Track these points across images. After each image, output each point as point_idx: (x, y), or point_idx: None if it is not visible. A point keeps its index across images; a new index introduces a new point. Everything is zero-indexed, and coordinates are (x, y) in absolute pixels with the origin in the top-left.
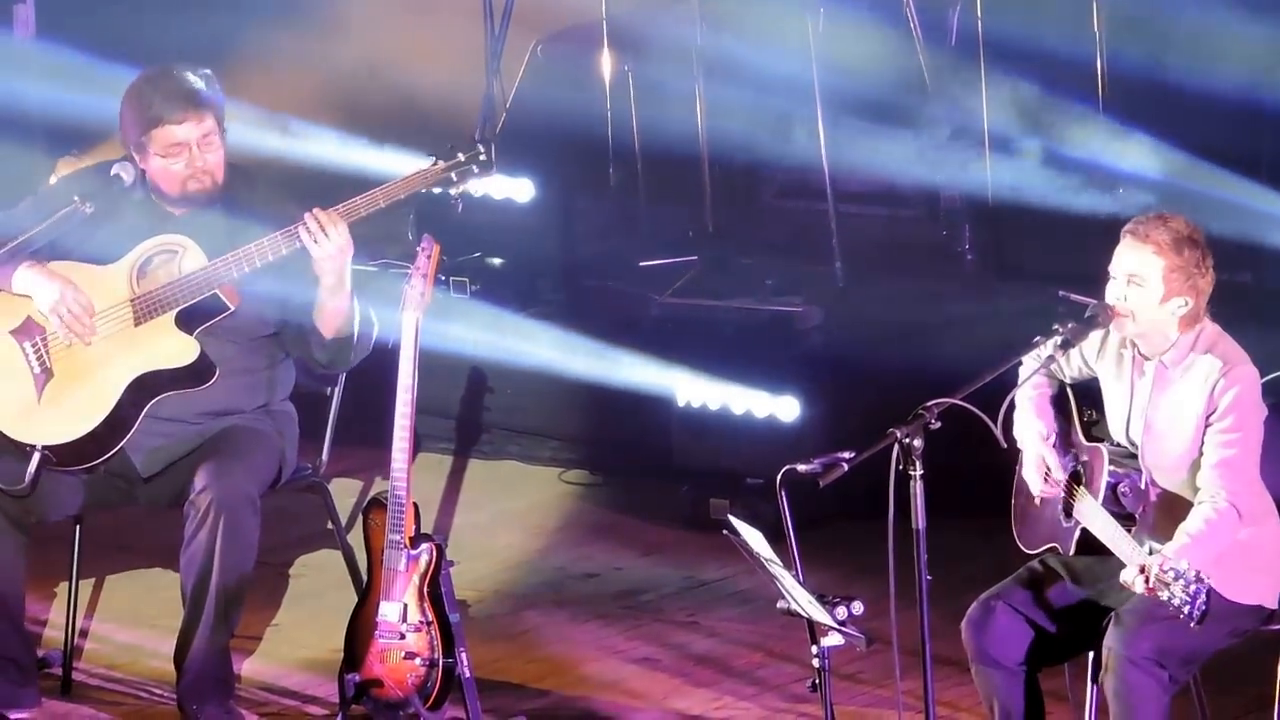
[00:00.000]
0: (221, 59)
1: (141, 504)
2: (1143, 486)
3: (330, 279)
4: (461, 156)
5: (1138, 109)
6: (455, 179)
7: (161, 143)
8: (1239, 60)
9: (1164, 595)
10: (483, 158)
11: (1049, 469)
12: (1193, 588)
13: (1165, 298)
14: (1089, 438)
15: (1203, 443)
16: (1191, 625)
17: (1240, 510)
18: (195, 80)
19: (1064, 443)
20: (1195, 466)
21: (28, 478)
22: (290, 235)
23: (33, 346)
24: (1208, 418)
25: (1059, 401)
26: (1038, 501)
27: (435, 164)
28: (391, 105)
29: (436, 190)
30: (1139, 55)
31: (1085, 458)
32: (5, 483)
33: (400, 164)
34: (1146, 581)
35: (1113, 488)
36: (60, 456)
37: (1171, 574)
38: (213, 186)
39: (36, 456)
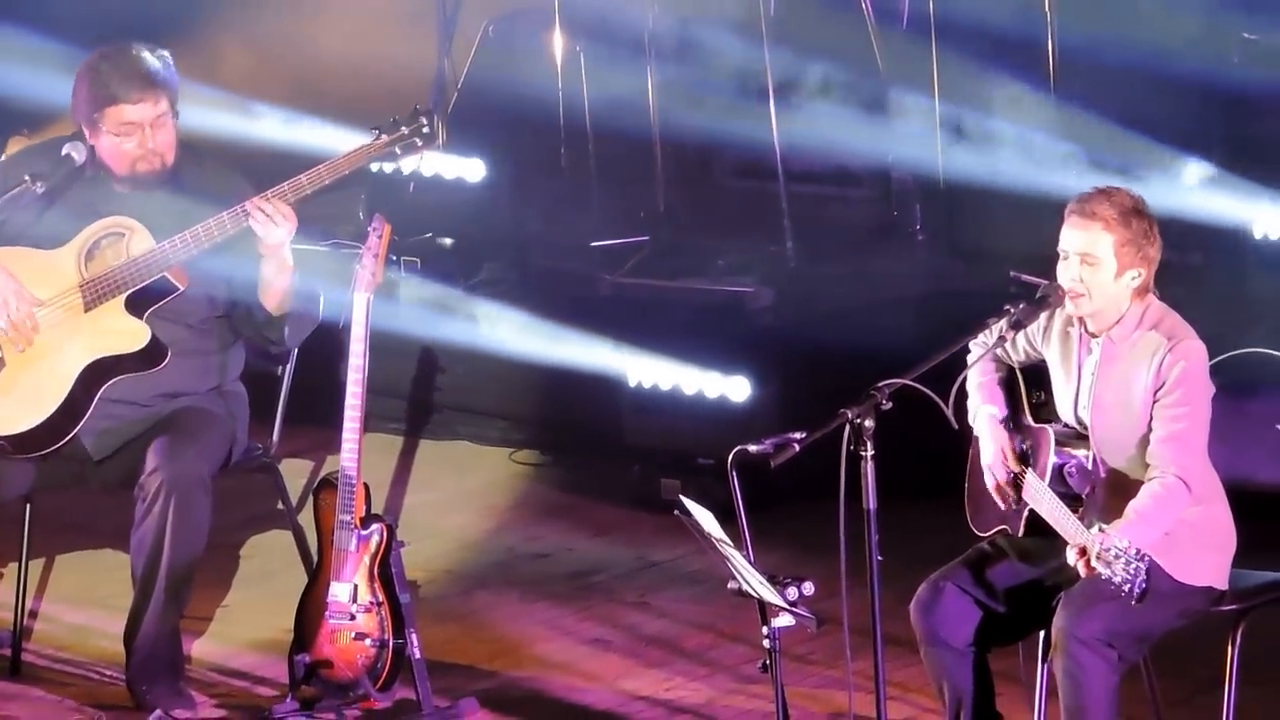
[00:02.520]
0: (170, 37)
1: (93, 486)
2: (1090, 467)
3: (275, 260)
4: (404, 130)
5: (1088, 89)
6: (399, 152)
7: (114, 121)
8: (1191, 41)
9: (1105, 574)
10: (425, 130)
11: (1007, 459)
12: (1133, 566)
13: (1119, 272)
14: (1037, 420)
15: (1151, 418)
16: (1133, 604)
17: (1189, 484)
18: (153, 60)
19: (1013, 425)
20: (1144, 442)
21: None
22: (237, 216)
23: None
24: (1155, 392)
25: (1008, 385)
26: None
27: (378, 138)
28: (341, 84)
29: (388, 169)
30: (1089, 35)
31: (1033, 439)
32: None
33: (349, 143)
34: (1087, 562)
35: (1059, 469)
36: (15, 445)
37: (1113, 553)
38: (162, 168)
39: None
